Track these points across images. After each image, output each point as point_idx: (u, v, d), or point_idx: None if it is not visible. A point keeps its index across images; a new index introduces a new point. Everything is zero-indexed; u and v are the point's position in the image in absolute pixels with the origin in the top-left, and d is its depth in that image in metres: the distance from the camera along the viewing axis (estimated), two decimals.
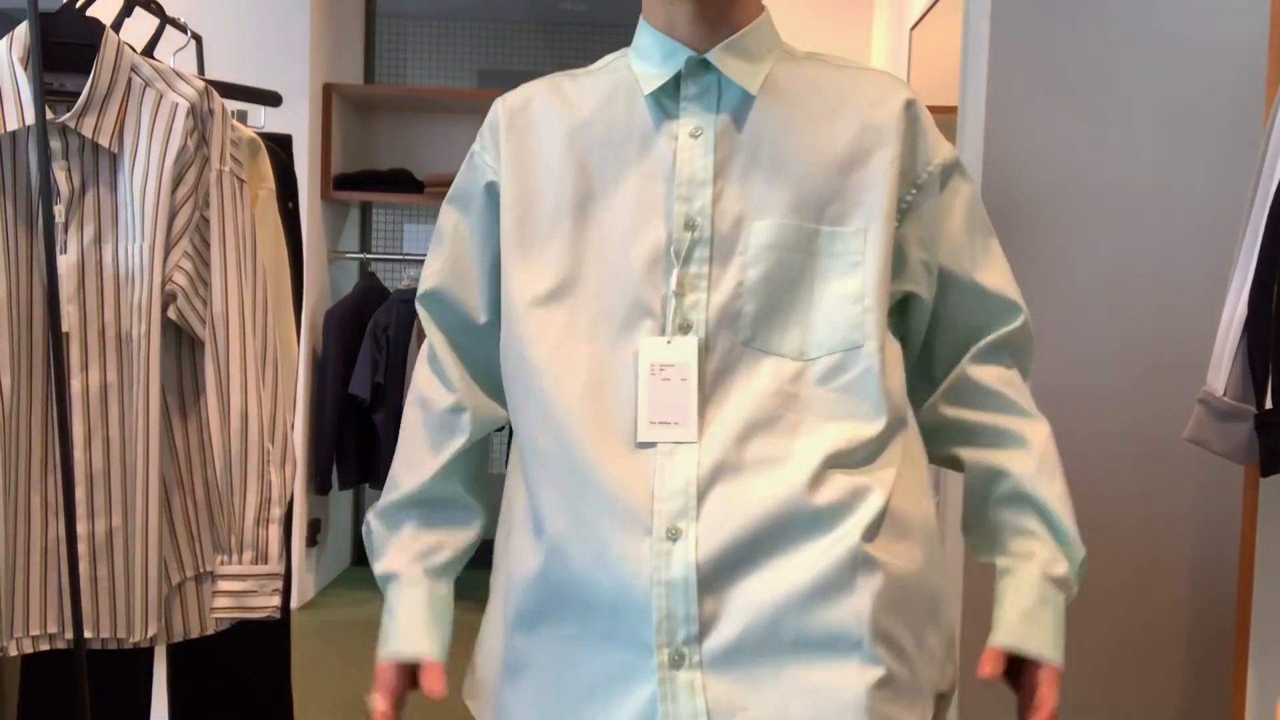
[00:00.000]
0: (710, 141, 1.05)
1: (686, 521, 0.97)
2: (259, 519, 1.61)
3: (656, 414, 1.00)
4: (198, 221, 1.59)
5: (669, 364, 1.00)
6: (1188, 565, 2.45)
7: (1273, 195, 1.68)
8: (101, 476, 1.58)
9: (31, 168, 1.54)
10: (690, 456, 0.99)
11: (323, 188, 4.03)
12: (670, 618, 0.96)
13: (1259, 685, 1.91)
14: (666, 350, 1.01)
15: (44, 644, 1.59)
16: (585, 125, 1.09)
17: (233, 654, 1.94)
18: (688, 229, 1.04)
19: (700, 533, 0.96)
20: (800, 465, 0.98)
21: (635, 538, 0.97)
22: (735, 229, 1.03)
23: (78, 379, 1.56)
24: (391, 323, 4.01)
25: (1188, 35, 2.37)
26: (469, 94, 4.57)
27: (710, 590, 0.96)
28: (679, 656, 0.96)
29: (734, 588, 0.96)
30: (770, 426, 1.00)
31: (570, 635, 1.02)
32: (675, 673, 0.95)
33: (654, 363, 1.01)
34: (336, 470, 4.07)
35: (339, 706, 3.05)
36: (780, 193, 1.04)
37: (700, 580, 0.95)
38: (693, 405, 0.99)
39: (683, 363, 1.00)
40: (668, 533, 0.97)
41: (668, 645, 0.96)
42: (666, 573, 0.96)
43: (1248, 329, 1.70)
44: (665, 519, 0.97)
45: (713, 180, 1.04)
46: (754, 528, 0.96)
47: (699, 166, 1.05)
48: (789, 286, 1.03)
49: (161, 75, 1.59)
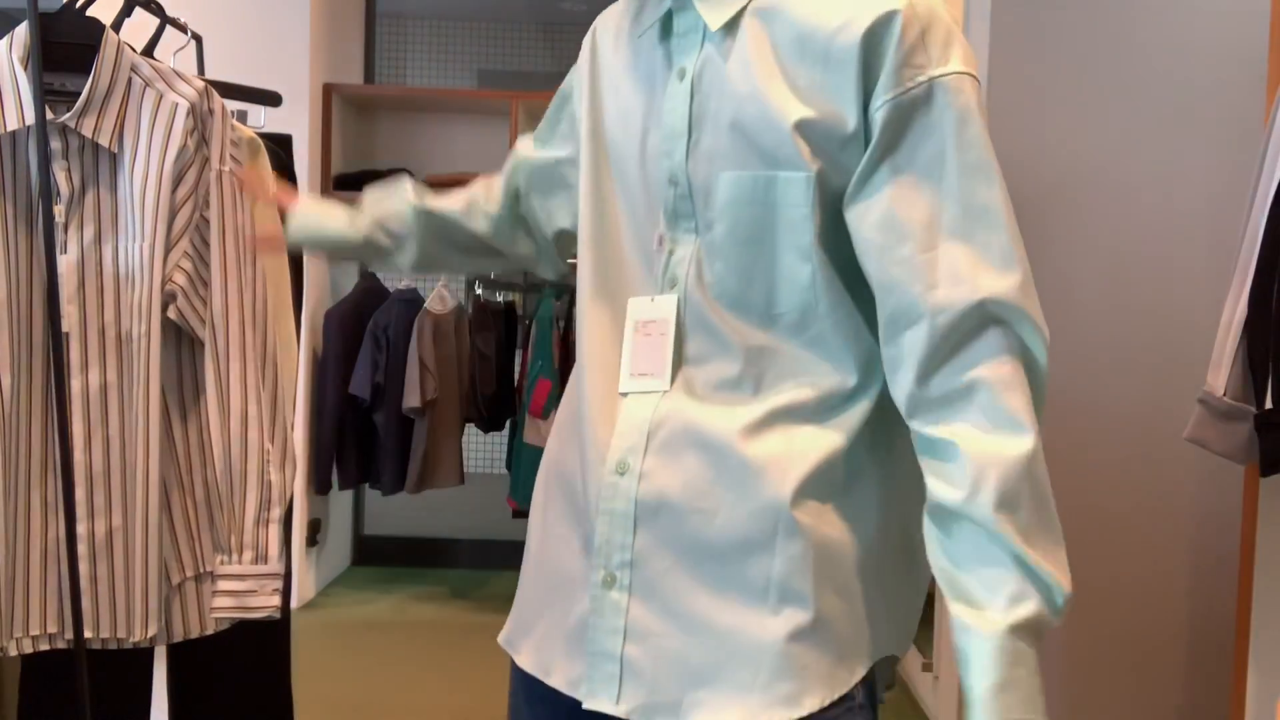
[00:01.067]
0: (688, 88, 1.03)
1: (635, 458, 1.03)
2: (259, 519, 1.61)
3: (637, 367, 1.06)
4: (198, 221, 1.59)
5: (651, 320, 1.06)
6: (1188, 565, 2.45)
7: (1273, 195, 1.68)
8: (101, 476, 1.58)
9: (32, 168, 1.54)
10: (651, 401, 1.04)
11: (323, 188, 4.03)
12: (609, 543, 1.04)
13: (1259, 685, 1.91)
14: (650, 308, 1.06)
15: (44, 644, 1.59)
16: (617, 61, 1.13)
17: (233, 654, 1.94)
18: (671, 184, 1.04)
19: (645, 469, 1.02)
20: (743, 415, 1.01)
21: (596, 468, 1.06)
22: (707, 182, 1.02)
23: (78, 379, 1.57)
24: (391, 323, 4.01)
25: (1188, 35, 2.37)
26: (469, 94, 4.57)
27: (648, 524, 1.02)
28: (611, 578, 1.04)
29: (668, 526, 1.02)
30: (737, 382, 1.02)
31: (558, 515, 1.13)
32: (607, 591, 1.04)
33: (639, 319, 1.06)
34: (336, 470, 4.07)
35: (339, 706, 3.05)
36: (742, 139, 1.00)
37: (639, 514, 1.02)
38: (668, 359, 1.04)
39: (662, 319, 1.05)
40: (617, 466, 1.04)
41: (604, 567, 1.04)
42: (610, 503, 1.04)
43: (1248, 329, 1.71)
44: (617, 454, 1.04)
45: (688, 131, 1.03)
46: (692, 473, 1.01)
47: (678, 116, 1.04)
48: (752, 242, 1.01)
49: (161, 75, 1.59)
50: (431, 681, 3.31)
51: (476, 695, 3.20)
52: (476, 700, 3.16)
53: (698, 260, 1.03)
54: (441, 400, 4.00)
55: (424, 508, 4.48)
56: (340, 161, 4.15)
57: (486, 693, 3.22)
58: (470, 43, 5.39)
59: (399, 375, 3.96)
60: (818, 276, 1.00)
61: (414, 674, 3.37)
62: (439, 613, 4.05)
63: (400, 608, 4.08)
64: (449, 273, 4.20)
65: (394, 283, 4.17)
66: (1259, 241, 1.69)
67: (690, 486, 1.01)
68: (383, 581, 4.40)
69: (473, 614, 4.05)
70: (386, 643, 3.66)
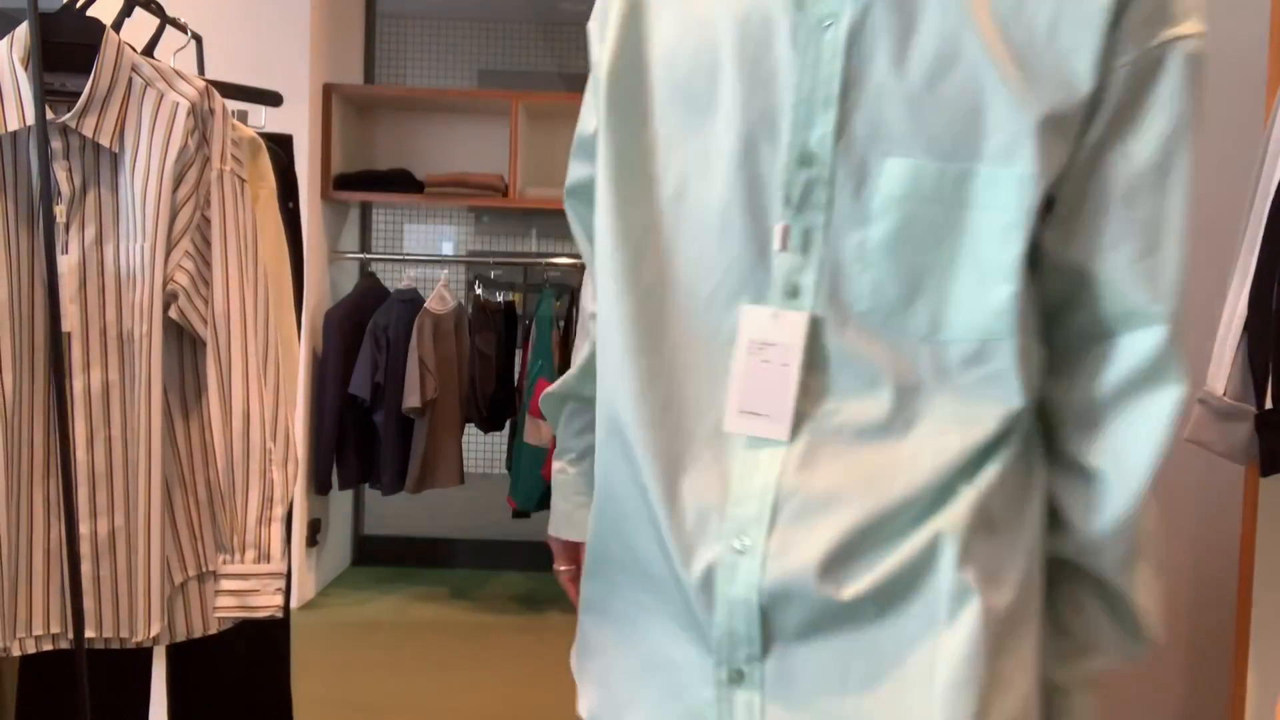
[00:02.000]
0: (841, 41, 0.78)
1: (757, 533, 0.82)
2: (261, 518, 1.61)
3: (748, 401, 0.83)
4: (199, 221, 1.59)
5: (770, 343, 0.82)
6: (1188, 565, 2.45)
7: (1273, 195, 1.68)
8: (104, 476, 1.58)
9: (32, 168, 1.54)
10: (776, 458, 0.82)
11: (323, 188, 4.03)
12: (730, 636, 0.84)
13: (1259, 685, 1.91)
14: (770, 326, 0.82)
15: (46, 644, 1.59)
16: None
17: (232, 654, 1.94)
18: (801, 165, 0.80)
19: (771, 548, 0.81)
20: (901, 476, 0.80)
21: (688, 532, 0.85)
22: (862, 168, 0.79)
23: (79, 379, 1.57)
24: (391, 323, 4.01)
25: None
26: (469, 94, 4.57)
27: (780, 612, 0.82)
28: (738, 675, 0.84)
29: (802, 611, 0.82)
30: (884, 427, 0.81)
31: (630, 579, 0.92)
32: (734, 690, 0.85)
33: (754, 339, 0.82)
34: (336, 470, 4.07)
35: (339, 706, 3.05)
36: (926, 116, 0.77)
37: (765, 603, 0.82)
38: (790, 401, 0.82)
39: (786, 344, 0.81)
40: (735, 541, 0.82)
41: (727, 662, 0.85)
42: (729, 588, 0.83)
43: (1248, 329, 1.71)
44: (734, 524, 0.83)
45: (839, 98, 0.79)
46: (833, 550, 0.80)
47: (824, 78, 0.79)
48: (925, 250, 0.79)
49: (162, 75, 1.59)
50: (431, 681, 3.31)
51: (477, 695, 3.21)
52: (477, 700, 3.17)
53: (834, 268, 0.80)
54: (441, 400, 4.00)
55: (424, 508, 4.48)
56: (340, 161, 4.15)
57: (487, 693, 3.23)
58: (470, 43, 5.39)
59: (399, 375, 3.96)
60: (1016, 301, 0.78)
61: (414, 674, 3.37)
62: (439, 613, 4.05)
63: (400, 608, 4.08)
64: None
65: (394, 283, 4.18)
66: (1259, 242, 1.69)
67: (835, 566, 0.81)
68: (383, 581, 4.40)
69: (473, 614, 4.05)
70: (386, 643, 3.66)
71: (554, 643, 3.72)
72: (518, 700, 3.18)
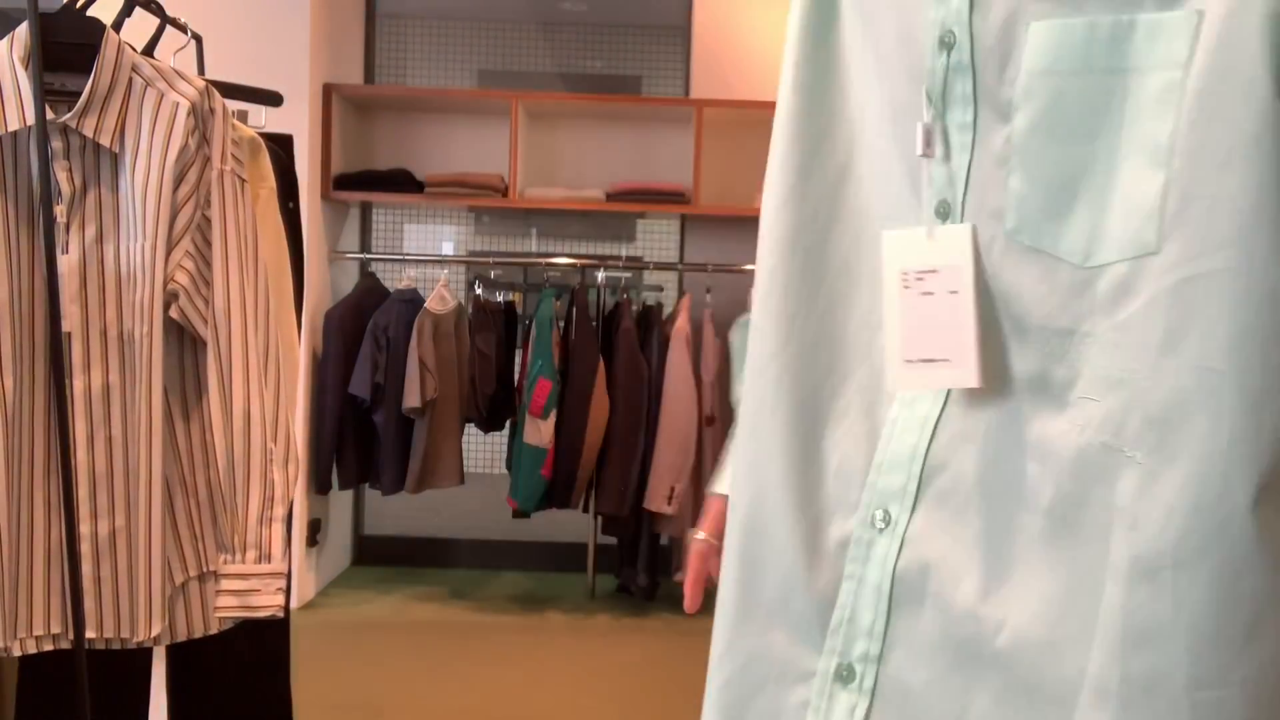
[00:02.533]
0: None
1: (899, 507, 0.69)
2: (262, 518, 1.61)
3: (914, 349, 0.67)
4: (199, 221, 1.59)
5: (928, 270, 0.67)
6: None
7: None
8: (104, 476, 1.58)
9: (33, 168, 1.54)
10: (926, 415, 0.68)
11: (323, 188, 4.03)
12: (851, 623, 0.71)
13: None
14: (924, 249, 0.67)
15: (48, 644, 1.59)
16: None
17: (232, 654, 1.95)
18: (942, 47, 0.66)
19: (911, 531, 0.69)
20: (1066, 449, 0.63)
21: (828, 499, 0.73)
22: (1005, 41, 0.64)
23: (80, 379, 1.57)
24: (391, 323, 4.01)
25: None
26: (469, 94, 4.57)
27: (909, 608, 0.69)
28: (848, 671, 0.71)
29: (938, 615, 0.68)
30: (1041, 382, 0.64)
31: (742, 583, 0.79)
32: (840, 688, 0.72)
33: (906, 269, 0.68)
34: (336, 470, 4.07)
35: (339, 706, 3.05)
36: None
37: (896, 592, 0.69)
38: (971, 328, 0.65)
39: (951, 265, 0.66)
40: (875, 514, 0.70)
41: (839, 654, 0.72)
42: (860, 565, 0.71)
43: None
44: (874, 494, 0.70)
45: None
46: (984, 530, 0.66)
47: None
48: (1079, 138, 0.62)
49: (162, 75, 1.59)
50: (431, 681, 3.31)
51: (477, 695, 3.21)
52: (477, 700, 3.17)
53: (981, 171, 0.66)
54: (441, 400, 4.00)
55: (424, 508, 4.48)
56: (340, 161, 4.15)
57: (487, 693, 3.23)
58: (470, 43, 5.39)
59: (399, 375, 3.96)
60: (1171, 194, 0.58)
61: (414, 674, 3.37)
62: (439, 613, 4.05)
63: (400, 608, 4.08)
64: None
65: (394, 283, 4.18)
66: None
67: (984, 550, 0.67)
68: (382, 581, 4.40)
69: (472, 614, 4.05)
70: (386, 643, 3.66)
71: (554, 643, 3.72)
72: (518, 700, 3.18)
